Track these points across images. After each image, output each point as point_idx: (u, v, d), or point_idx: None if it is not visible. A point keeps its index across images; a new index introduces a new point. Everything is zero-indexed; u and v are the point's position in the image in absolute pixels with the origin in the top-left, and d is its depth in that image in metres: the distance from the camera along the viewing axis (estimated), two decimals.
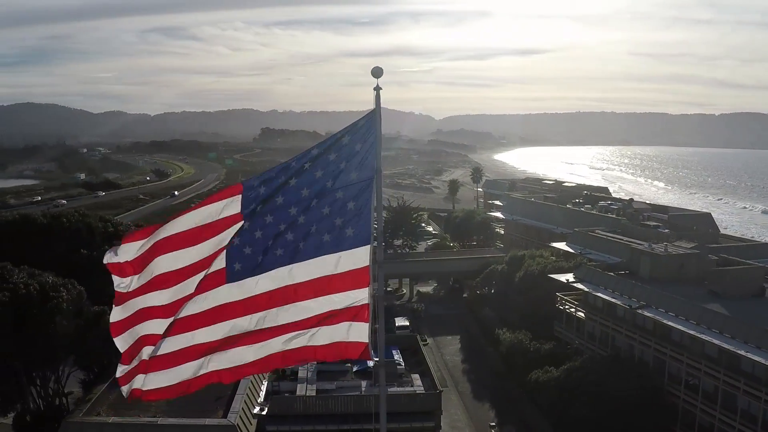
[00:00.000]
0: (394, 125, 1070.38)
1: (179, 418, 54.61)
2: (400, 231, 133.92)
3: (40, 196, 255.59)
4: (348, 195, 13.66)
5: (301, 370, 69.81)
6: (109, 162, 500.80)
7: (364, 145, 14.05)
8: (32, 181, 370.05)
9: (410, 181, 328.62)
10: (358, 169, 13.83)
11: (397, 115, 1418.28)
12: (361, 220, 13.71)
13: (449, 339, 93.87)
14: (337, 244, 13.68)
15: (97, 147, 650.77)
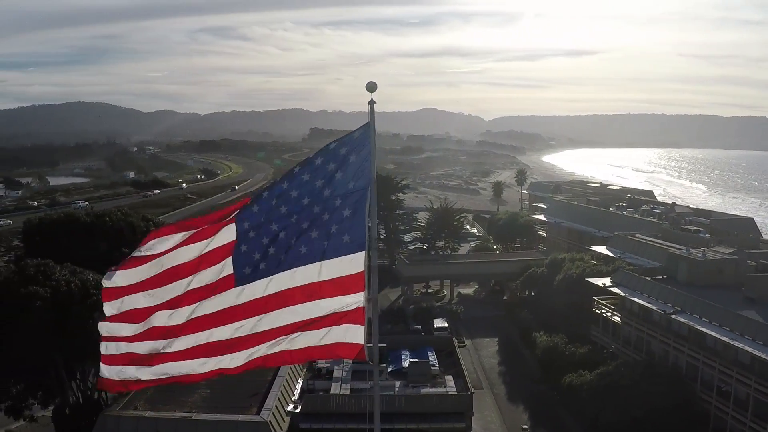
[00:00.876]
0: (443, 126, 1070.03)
1: (213, 413, 56.15)
2: (442, 232, 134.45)
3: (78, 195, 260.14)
4: (344, 203, 14.36)
5: (336, 369, 71.07)
6: (158, 161, 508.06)
7: (359, 155, 14.68)
8: (82, 179, 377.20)
9: (457, 183, 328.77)
10: (353, 178, 14.47)
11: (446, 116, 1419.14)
12: (357, 227, 14.35)
13: (487, 341, 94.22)
14: (334, 250, 14.37)
15: (147, 146, 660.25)
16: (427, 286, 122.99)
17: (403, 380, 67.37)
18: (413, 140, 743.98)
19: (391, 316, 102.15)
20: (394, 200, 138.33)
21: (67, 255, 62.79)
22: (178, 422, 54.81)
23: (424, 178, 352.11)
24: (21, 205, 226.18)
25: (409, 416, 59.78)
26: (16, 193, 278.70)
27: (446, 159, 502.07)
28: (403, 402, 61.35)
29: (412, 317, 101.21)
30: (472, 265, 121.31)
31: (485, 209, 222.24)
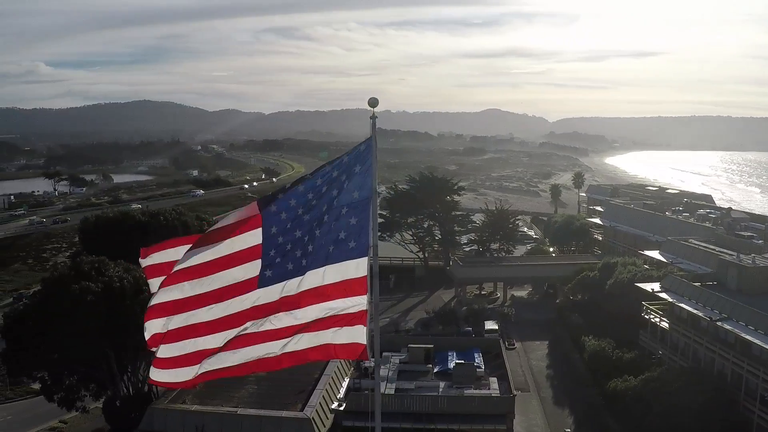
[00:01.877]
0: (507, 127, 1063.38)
1: (258, 409, 57.69)
2: (497, 235, 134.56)
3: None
4: (350, 211, 15.47)
5: (383, 369, 72.04)
6: (222, 160, 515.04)
7: (363, 167, 15.76)
8: (146, 177, 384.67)
9: (517, 184, 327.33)
10: (358, 188, 15.57)
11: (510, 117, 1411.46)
12: (361, 234, 15.50)
13: (537, 344, 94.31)
14: (341, 255, 15.47)
15: (211, 145, 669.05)
16: (480, 288, 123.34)
17: (448, 381, 68.10)
18: (476, 141, 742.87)
19: (442, 317, 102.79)
20: (450, 202, 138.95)
21: (121, 252, 64.92)
22: (223, 416, 56.50)
23: (485, 180, 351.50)
24: (84, 202, 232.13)
25: (451, 417, 60.53)
26: (81, 190, 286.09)
27: (508, 160, 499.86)
28: (446, 403, 62.05)
29: (464, 319, 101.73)
30: (526, 268, 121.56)
31: (544, 211, 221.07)
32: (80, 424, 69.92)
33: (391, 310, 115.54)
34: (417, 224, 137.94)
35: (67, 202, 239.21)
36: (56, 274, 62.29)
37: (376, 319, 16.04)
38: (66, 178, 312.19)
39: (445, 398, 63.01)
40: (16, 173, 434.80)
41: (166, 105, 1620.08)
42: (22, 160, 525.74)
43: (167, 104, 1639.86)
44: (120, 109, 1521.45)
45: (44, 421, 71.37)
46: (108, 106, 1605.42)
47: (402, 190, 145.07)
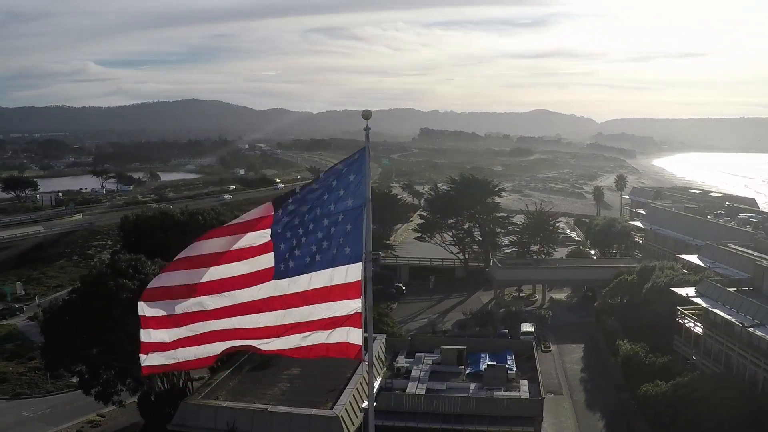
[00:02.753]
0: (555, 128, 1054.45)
1: (288, 406, 58.50)
2: (537, 237, 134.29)
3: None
4: (346, 218, 16.39)
5: (415, 369, 72.65)
6: (268, 159, 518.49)
7: (357, 176, 16.67)
8: (193, 175, 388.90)
9: (562, 186, 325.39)
10: (353, 196, 16.45)
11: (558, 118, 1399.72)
12: (356, 240, 16.37)
13: (573, 347, 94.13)
14: (339, 259, 16.37)
15: (258, 144, 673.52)
16: (518, 290, 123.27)
17: (478, 383, 68.41)
18: (523, 142, 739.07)
19: (479, 319, 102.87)
20: (490, 203, 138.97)
21: (160, 251, 66.31)
22: (254, 413, 57.37)
23: (530, 181, 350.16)
24: (130, 200, 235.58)
25: (480, 418, 60.81)
26: (128, 188, 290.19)
27: (554, 162, 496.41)
28: (475, 404, 62.36)
29: (500, 321, 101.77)
30: (565, 270, 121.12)
31: (588, 213, 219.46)
32: (117, 417, 71.62)
33: (429, 311, 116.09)
34: (457, 225, 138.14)
35: (113, 199, 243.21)
36: (94, 271, 63.94)
37: (370, 322, 16.98)
38: (114, 176, 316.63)
39: (474, 399, 63.35)
40: (64, 171, 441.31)
41: (215, 104, 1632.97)
42: (70, 158, 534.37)
43: (216, 103, 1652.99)
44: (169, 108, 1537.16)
45: (82, 414, 73.19)
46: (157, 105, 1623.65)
47: (443, 191, 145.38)
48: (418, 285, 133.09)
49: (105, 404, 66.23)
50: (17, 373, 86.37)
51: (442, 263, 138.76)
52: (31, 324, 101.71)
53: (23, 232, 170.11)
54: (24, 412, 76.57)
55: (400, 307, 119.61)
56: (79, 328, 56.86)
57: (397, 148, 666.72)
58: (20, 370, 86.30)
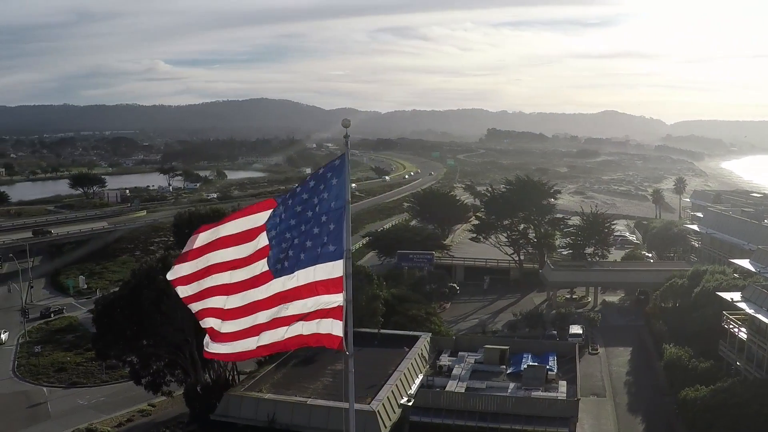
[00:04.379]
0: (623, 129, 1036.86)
1: (326, 400, 59.77)
2: (592, 239, 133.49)
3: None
4: (329, 219, 17.79)
5: (457, 368, 73.32)
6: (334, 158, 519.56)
7: (339, 179, 18.07)
8: (260, 174, 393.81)
9: (626, 188, 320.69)
10: (335, 199, 17.82)
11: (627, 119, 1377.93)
12: (339, 238, 17.72)
13: (621, 350, 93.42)
14: (323, 256, 17.77)
15: (326, 143, 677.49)
16: (571, 292, 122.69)
17: (518, 383, 68.78)
18: (590, 143, 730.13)
19: (529, 320, 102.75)
20: (546, 205, 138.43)
21: None
22: (294, 405, 58.84)
23: (594, 183, 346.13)
24: (195, 198, 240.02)
25: (516, 417, 61.15)
26: (195, 185, 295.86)
27: (621, 163, 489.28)
28: (512, 403, 62.75)
29: (550, 323, 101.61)
30: (618, 273, 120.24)
31: (650, 216, 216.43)
32: (167, 408, 73.86)
33: (481, 312, 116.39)
34: (512, 227, 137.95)
35: (179, 197, 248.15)
36: (145, 266, 66.13)
37: (350, 315, 18.01)
38: (181, 174, 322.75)
39: (512, 399, 63.76)
40: (133, 168, 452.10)
41: (284, 103, 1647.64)
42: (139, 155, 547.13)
43: (285, 102, 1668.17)
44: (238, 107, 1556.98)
45: (134, 404, 75.79)
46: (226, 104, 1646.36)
47: (498, 192, 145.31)
48: (472, 285, 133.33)
49: (155, 394, 68.55)
50: (75, 363, 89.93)
51: (497, 264, 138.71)
52: (91, 316, 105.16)
53: (88, 227, 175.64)
54: (79, 400, 79.59)
55: (453, 307, 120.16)
56: (129, 321, 58.94)
57: (464, 149, 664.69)
58: (78, 360, 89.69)
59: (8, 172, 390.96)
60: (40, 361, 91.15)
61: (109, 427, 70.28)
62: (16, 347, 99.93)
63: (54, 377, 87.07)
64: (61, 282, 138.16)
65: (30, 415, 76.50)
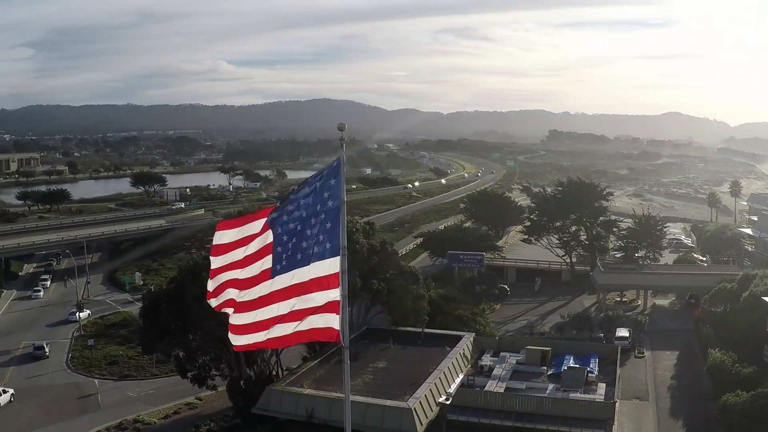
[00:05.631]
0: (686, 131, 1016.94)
1: (365, 396, 60.32)
2: (643, 242, 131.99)
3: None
4: (327, 217, 18.78)
5: (498, 368, 73.20)
6: (395, 158, 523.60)
7: (336, 179, 19.05)
8: None
9: (685, 191, 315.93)
10: (332, 198, 18.80)
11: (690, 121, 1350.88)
12: (335, 236, 18.70)
13: (667, 354, 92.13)
14: (321, 254, 18.71)
15: (387, 143, 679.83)
16: (621, 295, 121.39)
17: (557, 384, 68.48)
18: (652, 145, 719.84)
19: (577, 322, 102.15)
20: (598, 207, 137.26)
21: None
22: (332, 401, 59.39)
23: (653, 185, 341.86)
24: (253, 197, 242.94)
25: (552, 418, 60.90)
26: (255, 185, 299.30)
27: (682, 166, 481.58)
28: (549, 404, 62.51)
29: (598, 325, 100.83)
30: (668, 276, 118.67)
31: (708, 219, 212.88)
32: (213, 401, 75.25)
33: (530, 313, 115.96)
34: (563, 228, 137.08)
35: (238, 196, 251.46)
36: (191, 263, 67.65)
37: (345, 309, 18.82)
38: (241, 173, 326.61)
39: (549, 400, 63.46)
40: (194, 167, 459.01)
41: (346, 103, 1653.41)
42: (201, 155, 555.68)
43: (347, 103, 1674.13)
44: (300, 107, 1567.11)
45: (182, 397, 77.37)
46: (288, 104, 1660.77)
47: (550, 194, 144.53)
48: (524, 287, 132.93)
49: (200, 387, 69.92)
50: (127, 356, 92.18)
51: (549, 266, 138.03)
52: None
53: (146, 225, 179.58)
54: (128, 393, 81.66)
55: (503, 308, 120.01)
56: (174, 315, 60.32)
57: (524, 150, 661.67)
58: (130, 354, 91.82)
59: (71, 171, 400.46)
60: (93, 354, 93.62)
61: (156, 418, 72.05)
62: (71, 340, 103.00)
63: (106, 370, 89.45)
64: (117, 278, 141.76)
65: (80, 406, 78.72)
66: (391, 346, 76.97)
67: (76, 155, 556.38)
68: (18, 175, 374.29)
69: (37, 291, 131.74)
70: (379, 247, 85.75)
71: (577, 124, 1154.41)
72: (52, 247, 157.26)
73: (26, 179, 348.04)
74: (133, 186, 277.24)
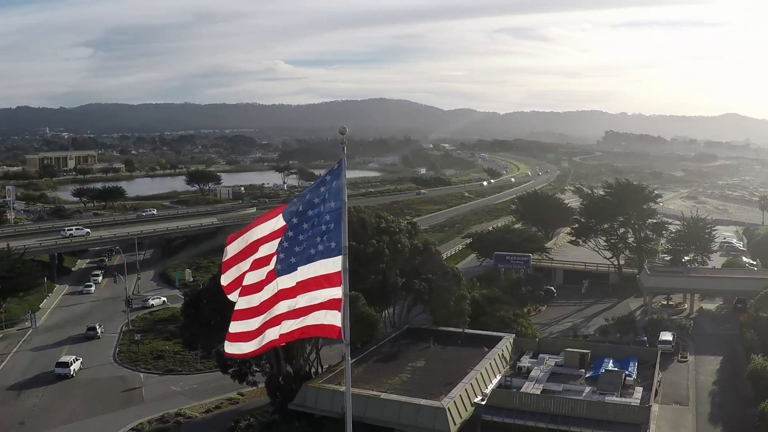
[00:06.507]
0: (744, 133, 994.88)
1: (399, 395, 60.73)
2: (692, 245, 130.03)
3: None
4: (331, 218, 19.37)
5: (536, 369, 72.97)
6: (450, 159, 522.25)
7: (338, 181, 19.63)
8: (375, 173, 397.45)
9: (740, 193, 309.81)
10: (334, 199, 19.46)
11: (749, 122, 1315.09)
12: (338, 236, 19.29)
13: (711, 359, 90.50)
14: (324, 253, 19.29)
15: (443, 143, 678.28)
16: (668, 299, 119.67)
17: (594, 387, 67.95)
18: (709, 147, 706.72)
19: (621, 325, 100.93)
20: (646, 209, 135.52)
21: None
22: (368, 399, 59.95)
23: (708, 187, 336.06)
24: None
25: (587, 421, 60.51)
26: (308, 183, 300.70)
27: (738, 168, 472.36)
28: (584, 407, 62.07)
29: (642, 328, 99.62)
30: (717, 280, 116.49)
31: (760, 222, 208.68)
32: (255, 397, 76.22)
33: (576, 315, 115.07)
34: (611, 230, 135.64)
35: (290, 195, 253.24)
36: None
37: (346, 306, 19.36)
38: (296, 172, 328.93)
39: (584, 403, 62.97)
40: (250, 165, 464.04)
41: (402, 103, 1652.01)
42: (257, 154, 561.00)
43: (403, 102, 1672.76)
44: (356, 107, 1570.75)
45: (224, 392, 78.63)
46: (345, 104, 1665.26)
47: (598, 195, 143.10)
48: (571, 288, 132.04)
49: (240, 383, 70.91)
50: (173, 351, 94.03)
51: (597, 268, 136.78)
52: None
53: (197, 223, 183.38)
54: (172, 387, 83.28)
55: (549, 310, 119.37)
56: (215, 311, 61.11)
57: (580, 151, 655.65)
58: (176, 349, 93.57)
59: (128, 168, 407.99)
60: (139, 349, 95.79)
61: (197, 413, 73.39)
62: (119, 335, 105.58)
63: (151, 364, 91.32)
64: (168, 275, 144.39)
65: (124, 398, 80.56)
66: (431, 345, 77.28)
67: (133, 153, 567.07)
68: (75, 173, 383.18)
69: (88, 286, 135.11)
70: (422, 248, 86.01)
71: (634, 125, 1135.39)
72: (104, 244, 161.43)
73: (83, 176, 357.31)
74: (187, 184, 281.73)
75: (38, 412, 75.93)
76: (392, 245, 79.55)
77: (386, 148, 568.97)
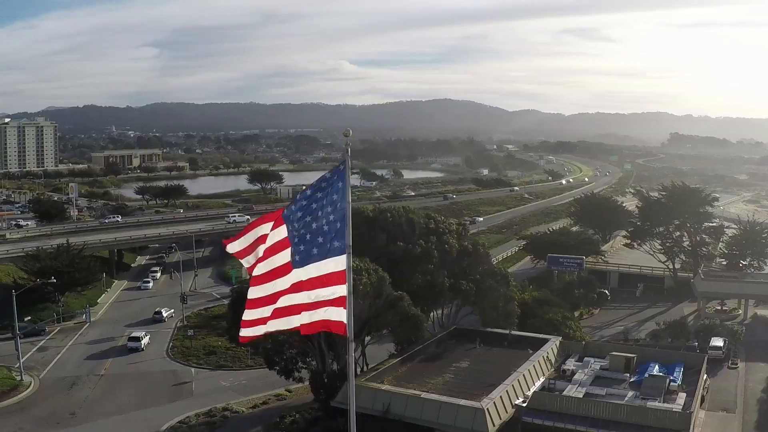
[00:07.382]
0: None
1: (440, 395, 60.96)
2: (748, 249, 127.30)
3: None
4: (335, 218, 20.21)
5: (580, 372, 72.29)
6: (512, 160, 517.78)
7: (343, 182, 20.43)
8: (437, 174, 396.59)
9: None
10: (340, 200, 20.20)
11: None
12: (343, 235, 20.18)
13: (762, 366, 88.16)
14: (330, 251, 20.17)
15: (506, 144, 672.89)
16: (722, 304, 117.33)
17: (637, 391, 67.17)
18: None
19: (673, 330, 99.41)
20: (702, 213, 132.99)
21: None
22: (408, 398, 60.39)
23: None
24: (363, 195, 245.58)
25: (626, 426, 59.80)
26: (371, 183, 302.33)
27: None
28: (624, 412, 61.41)
29: (693, 334, 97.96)
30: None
31: None
32: (302, 394, 76.99)
33: (629, 319, 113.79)
34: (666, 234, 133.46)
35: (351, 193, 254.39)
36: None
37: (350, 303, 20.37)
38: (358, 172, 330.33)
39: (625, 407, 62.19)
40: (313, 165, 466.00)
41: (466, 104, 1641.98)
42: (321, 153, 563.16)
43: (467, 103, 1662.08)
44: (420, 107, 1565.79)
45: (272, 388, 79.78)
46: (409, 104, 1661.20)
47: (653, 198, 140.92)
48: (625, 292, 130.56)
49: (287, 379, 71.75)
50: (225, 347, 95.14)
51: (652, 272, 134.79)
52: None
53: None
54: (222, 382, 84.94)
55: (602, 313, 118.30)
56: None
57: (644, 153, 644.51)
58: (228, 346, 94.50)
59: (192, 167, 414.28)
60: (192, 344, 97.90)
61: (245, 408, 74.69)
62: (173, 330, 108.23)
63: (203, 359, 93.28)
64: (225, 272, 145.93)
65: (174, 392, 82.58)
66: (477, 346, 77.21)
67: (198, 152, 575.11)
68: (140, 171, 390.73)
69: (146, 282, 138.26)
70: (471, 249, 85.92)
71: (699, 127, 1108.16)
72: (163, 241, 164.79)
73: (147, 174, 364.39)
74: (250, 183, 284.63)
75: (89, 404, 78.37)
76: (439, 246, 79.72)
77: (449, 149, 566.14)
